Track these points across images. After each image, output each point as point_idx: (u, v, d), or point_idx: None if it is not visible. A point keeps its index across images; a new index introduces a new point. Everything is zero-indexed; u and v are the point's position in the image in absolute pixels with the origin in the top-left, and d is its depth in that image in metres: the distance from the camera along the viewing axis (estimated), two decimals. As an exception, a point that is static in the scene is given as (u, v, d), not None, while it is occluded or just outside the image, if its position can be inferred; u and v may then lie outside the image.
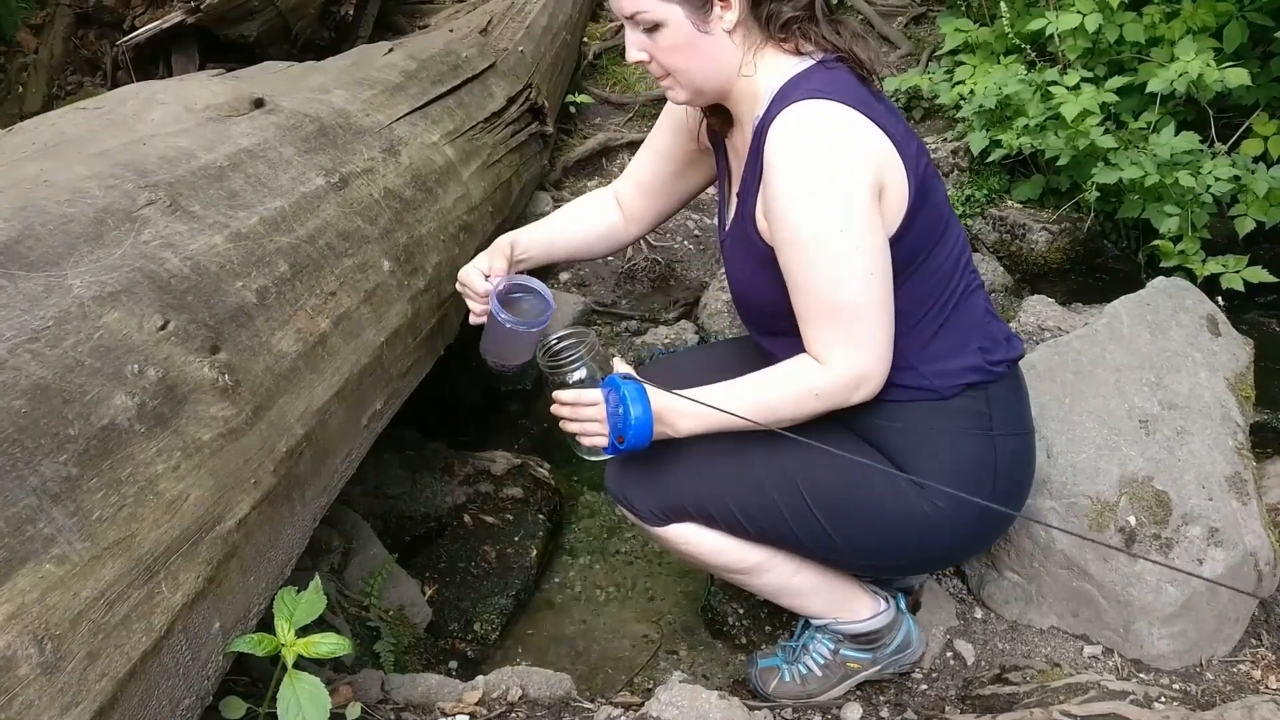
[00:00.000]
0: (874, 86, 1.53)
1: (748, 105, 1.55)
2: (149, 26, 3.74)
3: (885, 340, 1.49)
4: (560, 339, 1.62)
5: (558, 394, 1.57)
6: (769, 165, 1.45)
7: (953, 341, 1.57)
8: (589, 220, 1.90)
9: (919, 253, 1.53)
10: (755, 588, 1.77)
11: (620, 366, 1.60)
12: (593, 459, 1.63)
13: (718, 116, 1.66)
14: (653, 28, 1.48)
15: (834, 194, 1.42)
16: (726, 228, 1.68)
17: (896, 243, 1.48)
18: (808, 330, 1.50)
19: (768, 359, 1.64)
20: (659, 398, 1.53)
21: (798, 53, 1.51)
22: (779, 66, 1.51)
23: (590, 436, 1.56)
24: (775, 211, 1.46)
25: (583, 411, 1.55)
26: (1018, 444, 1.64)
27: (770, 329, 1.65)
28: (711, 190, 1.87)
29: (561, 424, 1.59)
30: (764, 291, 1.57)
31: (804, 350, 1.55)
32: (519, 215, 3.34)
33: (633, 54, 1.53)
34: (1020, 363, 1.69)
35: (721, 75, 1.52)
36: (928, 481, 1.54)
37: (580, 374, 1.58)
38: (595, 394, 1.54)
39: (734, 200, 1.64)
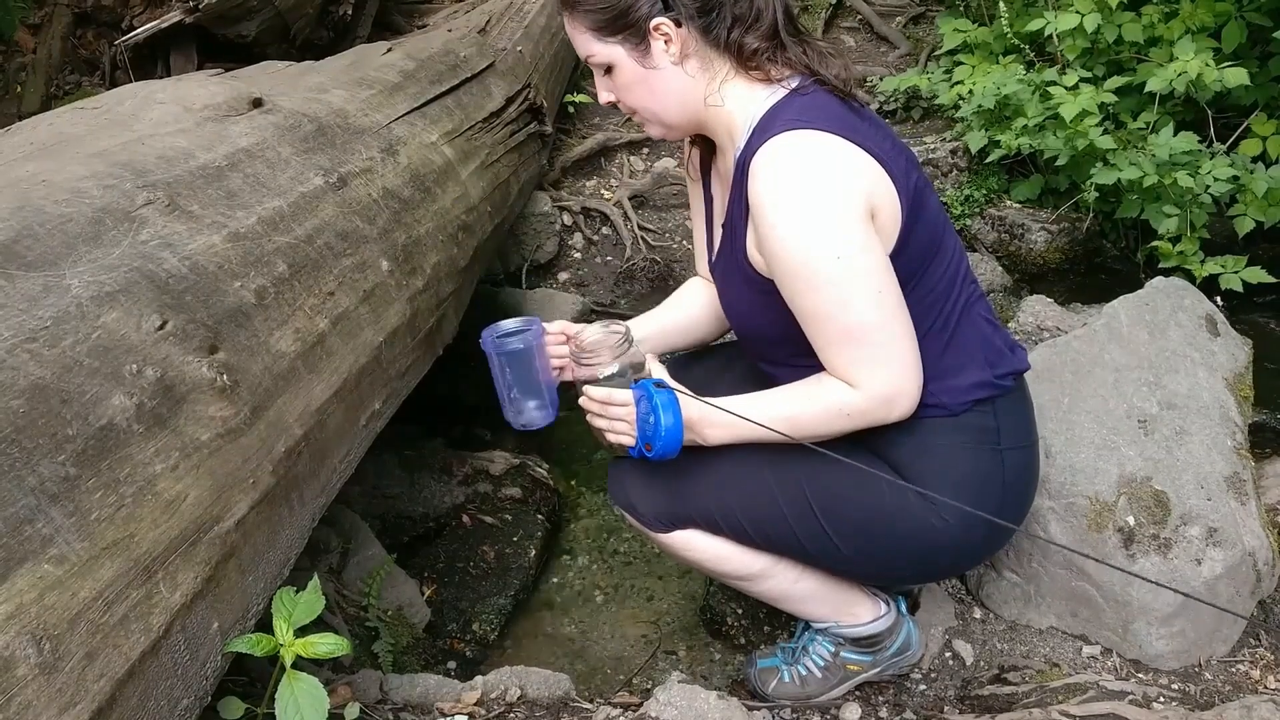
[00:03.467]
0: (855, 103, 1.51)
1: (726, 135, 1.54)
2: (147, 26, 3.73)
3: (911, 356, 1.46)
4: (593, 334, 1.60)
5: (589, 390, 1.55)
6: (756, 204, 1.43)
7: (959, 357, 1.55)
8: (690, 303, 1.88)
9: (916, 269, 1.50)
10: (757, 593, 1.76)
11: (656, 369, 1.57)
12: (618, 453, 1.63)
13: (704, 144, 1.66)
14: (607, 69, 1.51)
15: (824, 222, 1.39)
16: (713, 256, 1.68)
17: (893, 261, 1.46)
18: (829, 357, 1.46)
19: (771, 380, 1.64)
20: (690, 406, 1.51)
21: (769, 80, 1.48)
22: (753, 96, 1.48)
23: (618, 436, 1.54)
24: (769, 249, 1.44)
25: (613, 410, 1.53)
26: (1024, 456, 1.62)
27: (769, 357, 1.64)
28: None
29: (589, 418, 1.57)
30: (763, 321, 1.56)
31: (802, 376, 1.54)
32: (517, 215, 3.34)
33: (603, 96, 1.56)
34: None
35: (684, 108, 1.52)
36: (937, 495, 1.52)
37: (611, 369, 1.55)
38: (627, 395, 1.52)
39: (719, 231, 1.64)
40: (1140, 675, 1.81)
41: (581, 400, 1.57)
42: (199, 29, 3.75)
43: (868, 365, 1.45)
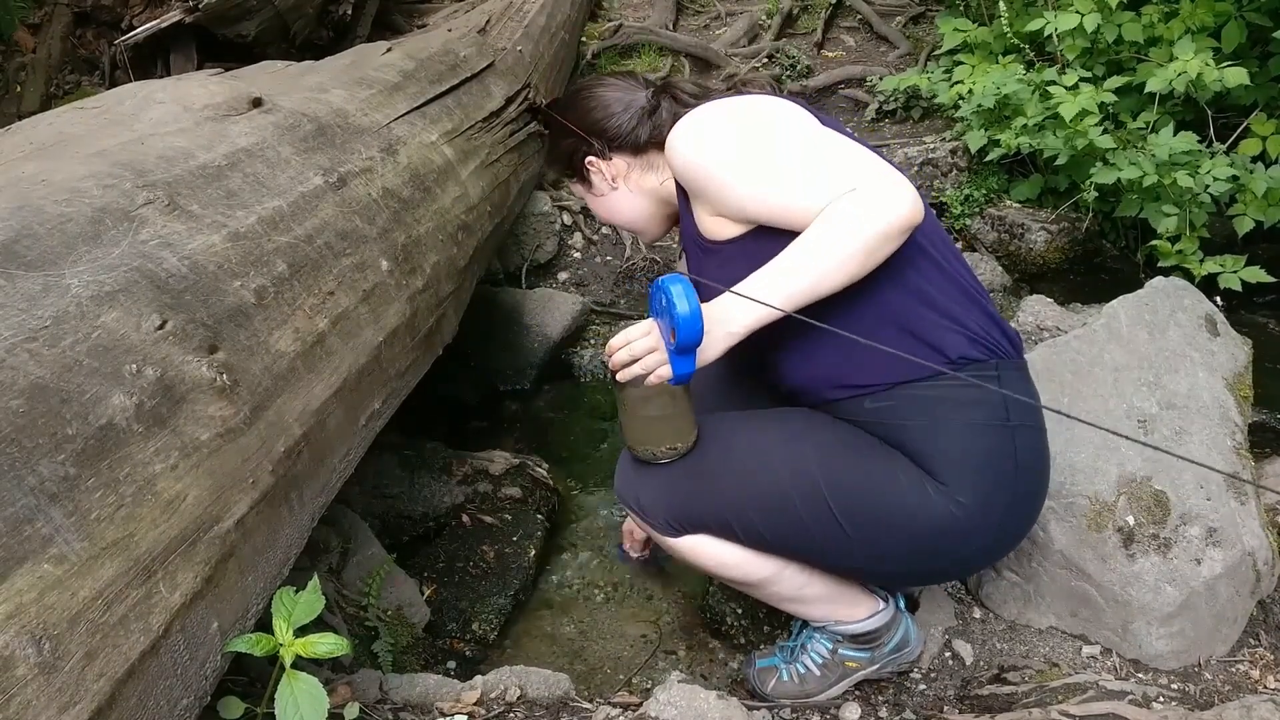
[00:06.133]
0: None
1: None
2: (147, 26, 3.73)
3: (878, 160, 1.48)
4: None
5: (612, 342, 1.54)
6: (677, 167, 1.59)
7: (945, 305, 1.53)
8: None
9: None
10: (761, 596, 1.75)
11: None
12: (662, 461, 1.63)
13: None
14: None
15: (731, 125, 1.55)
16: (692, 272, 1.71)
17: None
18: (813, 198, 1.42)
19: (761, 360, 1.64)
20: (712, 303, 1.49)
21: None
22: None
23: (648, 363, 1.50)
24: (705, 183, 1.54)
25: (636, 345, 1.50)
26: (1035, 436, 1.60)
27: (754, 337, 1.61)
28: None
29: (620, 375, 1.53)
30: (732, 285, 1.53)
31: (796, 359, 1.54)
32: (517, 215, 3.34)
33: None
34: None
35: (639, 215, 1.81)
36: (952, 479, 1.52)
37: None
38: (645, 323, 1.51)
39: (686, 241, 1.71)
40: (1140, 675, 1.81)
41: (612, 360, 1.54)
42: (199, 29, 3.75)
43: (847, 170, 1.44)
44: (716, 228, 1.56)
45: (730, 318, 1.46)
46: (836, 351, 1.54)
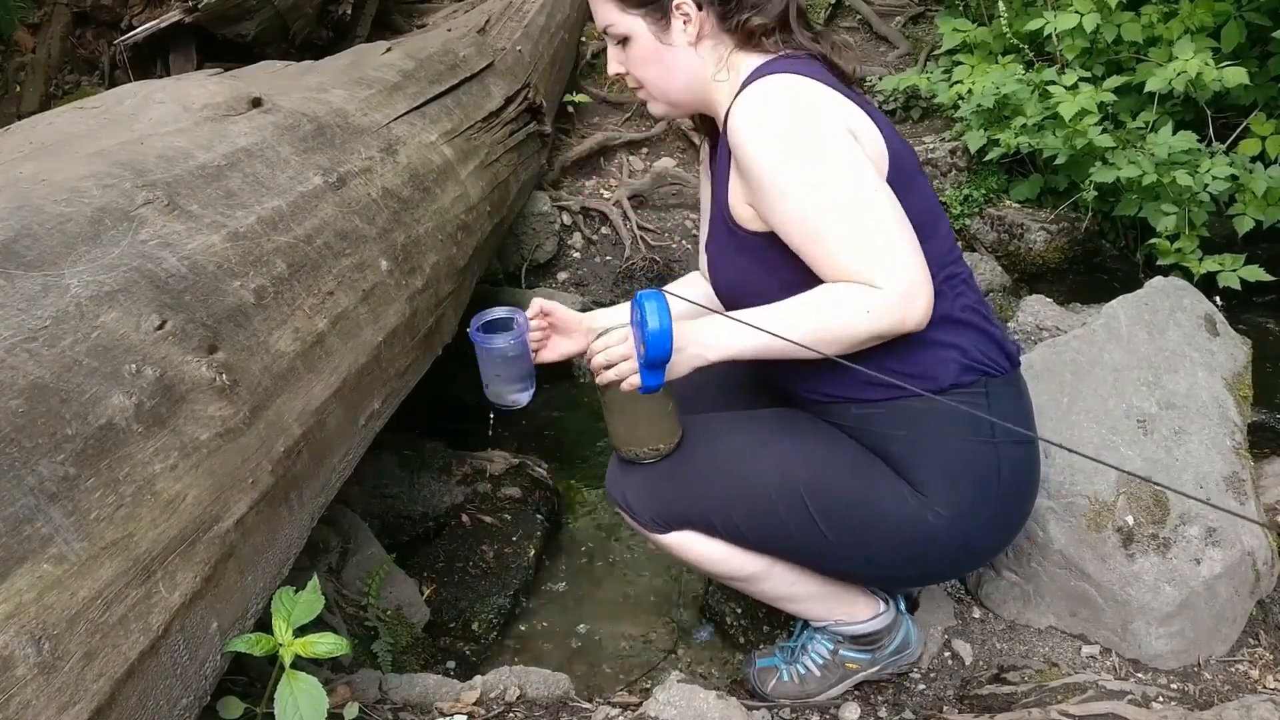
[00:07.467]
0: (853, 88, 1.55)
1: (722, 105, 1.58)
2: (146, 26, 3.73)
3: (919, 254, 1.44)
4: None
5: (592, 346, 1.54)
6: (736, 144, 1.48)
7: (944, 334, 1.53)
8: (693, 289, 1.85)
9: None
10: (754, 594, 1.76)
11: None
12: (646, 461, 1.63)
13: (706, 126, 1.69)
14: (623, 41, 1.58)
15: (802, 137, 1.44)
16: (705, 240, 1.68)
17: None
18: (840, 265, 1.42)
19: (761, 372, 1.64)
20: (696, 322, 1.48)
21: (766, 51, 1.55)
22: (749, 63, 1.55)
23: (621, 369, 1.49)
24: (755, 179, 1.46)
25: (613, 352, 1.50)
26: (1021, 453, 1.59)
27: None
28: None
29: (597, 379, 1.54)
30: (752, 285, 1.54)
31: (792, 364, 1.54)
32: (517, 215, 3.34)
33: (612, 67, 1.63)
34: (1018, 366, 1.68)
35: (692, 86, 1.60)
36: (932, 490, 1.51)
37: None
38: (623, 331, 1.50)
39: (712, 202, 1.65)
40: (1139, 675, 1.81)
41: (593, 362, 1.54)
42: (198, 29, 3.75)
43: (881, 258, 1.41)
44: (745, 215, 1.54)
45: (708, 344, 1.47)
46: (832, 365, 1.53)
